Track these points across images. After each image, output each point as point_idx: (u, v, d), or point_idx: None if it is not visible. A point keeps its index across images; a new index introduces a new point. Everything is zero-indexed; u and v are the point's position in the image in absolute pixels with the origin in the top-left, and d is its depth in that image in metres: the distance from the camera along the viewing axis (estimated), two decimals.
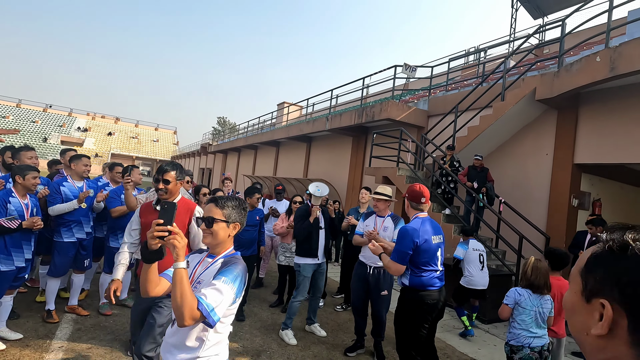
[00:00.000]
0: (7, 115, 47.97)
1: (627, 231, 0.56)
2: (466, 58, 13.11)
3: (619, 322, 0.52)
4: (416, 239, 2.50)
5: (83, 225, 3.55)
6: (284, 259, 4.53)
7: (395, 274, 2.57)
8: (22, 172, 2.89)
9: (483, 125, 7.12)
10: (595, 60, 5.33)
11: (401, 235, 2.55)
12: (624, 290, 0.52)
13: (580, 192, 6.69)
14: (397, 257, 2.52)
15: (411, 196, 2.68)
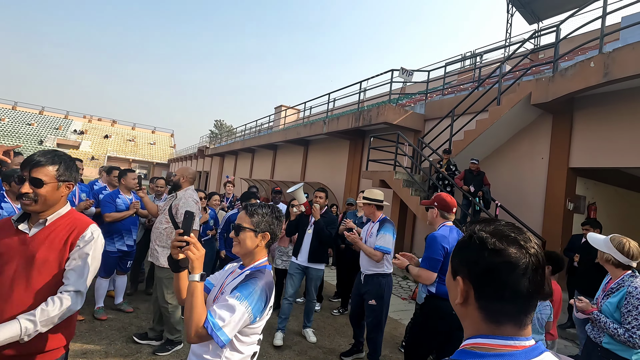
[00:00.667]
0: (3, 118, 47.64)
1: (477, 224, 0.74)
2: (462, 62, 13.20)
3: (469, 293, 0.71)
4: (446, 244, 2.45)
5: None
6: (281, 263, 4.53)
7: (427, 282, 2.47)
8: (9, 178, 2.84)
9: (479, 129, 7.16)
10: (589, 65, 5.39)
11: (430, 242, 2.49)
12: (469, 269, 0.71)
13: (575, 195, 6.74)
14: (427, 264, 2.45)
15: (441, 205, 2.61)
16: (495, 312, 0.69)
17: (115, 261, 3.84)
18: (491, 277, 0.68)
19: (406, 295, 5.98)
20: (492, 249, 0.68)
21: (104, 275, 3.76)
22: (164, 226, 3.16)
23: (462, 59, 11.14)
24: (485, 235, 0.70)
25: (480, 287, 0.69)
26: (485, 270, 0.68)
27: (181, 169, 3.24)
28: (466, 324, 0.74)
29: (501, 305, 0.68)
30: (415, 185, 7.80)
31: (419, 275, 2.48)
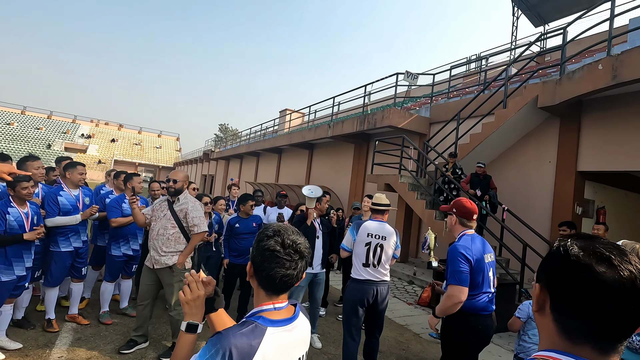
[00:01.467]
0: (12, 122, 48.36)
1: (574, 238, 0.72)
2: (467, 66, 13.15)
3: (546, 302, 0.70)
4: (469, 255, 2.25)
5: (80, 234, 3.52)
6: None
7: (461, 299, 2.21)
8: (12, 184, 2.87)
9: (485, 133, 7.11)
10: (597, 68, 5.33)
11: (452, 254, 2.29)
12: (548, 277, 0.70)
13: (584, 199, 6.65)
14: (456, 279, 2.21)
15: (461, 212, 2.40)
16: (571, 329, 0.65)
17: (121, 265, 3.85)
18: (568, 290, 0.65)
19: (412, 301, 5.92)
20: (575, 262, 0.65)
21: (110, 280, 3.77)
22: (171, 232, 3.12)
23: (467, 62, 11.10)
24: (572, 248, 0.67)
25: (557, 298, 0.67)
26: (563, 282, 0.66)
27: (179, 173, 3.22)
28: (542, 335, 0.72)
29: (579, 323, 0.64)
30: (421, 189, 7.75)
31: (450, 295, 2.23)
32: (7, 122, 48.13)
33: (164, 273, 3.14)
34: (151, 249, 3.14)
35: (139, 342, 3.24)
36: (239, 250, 3.96)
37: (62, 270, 3.39)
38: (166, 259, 3.10)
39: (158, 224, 3.13)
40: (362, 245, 3.13)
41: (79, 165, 3.51)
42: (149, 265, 3.16)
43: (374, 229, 3.15)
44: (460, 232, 2.41)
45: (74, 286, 3.57)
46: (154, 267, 3.12)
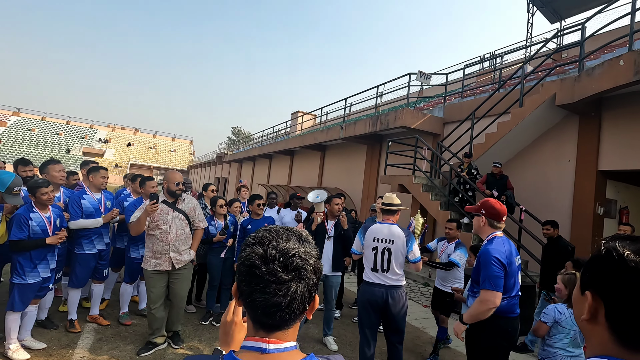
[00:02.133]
0: (33, 128, 49.96)
1: (618, 240, 0.68)
2: (481, 64, 12.95)
3: (599, 310, 0.66)
4: (503, 259, 2.18)
5: (103, 237, 3.62)
6: None
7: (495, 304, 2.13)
8: (33, 190, 2.95)
9: (501, 132, 6.98)
10: (618, 63, 5.17)
11: (485, 258, 2.20)
12: (602, 284, 0.66)
13: (605, 199, 6.45)
14: (490, 284, 2.12)
15: (490, 213, 2.32)
16: (629, 336, 0.63)
17: (139, 267, 3.92)
18: (628, 297, 0.63)
19: (428, 303, 5.84)
20: (634, 267, 0.62)
21: (129, 281, 3.85)
22: (187, 230, 3.34)
23: (481, 61, 10.93)
24: (627, 252, 0.64)
25: (613, 306, 0.64)
26: (621, 290, 0.63)
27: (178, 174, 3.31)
28: (592, 342, 0.69)
29: (638, 330, 0.62)
30: (435, 190, 7.66)
31: (484, 300, 2.13)
32: (28, 128, 49.75)
33: (184, 269, 3.31)
34: (170, 251, 3.19)
35: (158, 344, 3.30)
36: None
37: (86, 272, 3.49)
38: (187, 255, 3.32)
39: (173, 226, 3.20)
40: (369, 249, 3.01)
41: (101, 169, 3.63)
42: (166, 268, 3.21)
43: (380, 232, 3.00)
44: (490, 234, 2.33)
45: (95, 287, 3.66)
46: (175, 267, 3.22)
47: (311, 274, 0.74)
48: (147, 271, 3.23)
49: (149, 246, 3.24)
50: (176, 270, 3.26)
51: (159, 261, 3.19)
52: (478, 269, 2.27)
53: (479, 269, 2.26)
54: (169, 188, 3.23)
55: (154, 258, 3.19)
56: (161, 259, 3.19)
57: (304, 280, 0.73)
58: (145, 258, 3.25)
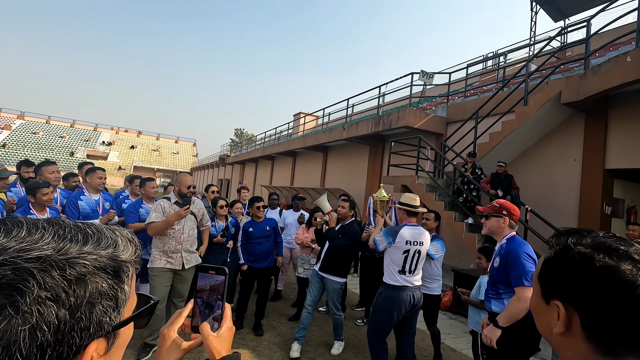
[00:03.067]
0: (38, 132, 50.32)
1: (568, 236, 0.62)
2: (484, 63, 12.85)
3: (572, 320, 0.59)
4: (532, 254, 2.18)
5: None
6: (303, 271, 4.43)
7: None
8: (33, 190, 2.91)
9: (505, 131, 6.89)
10: (625, 60, 5.08)
11: (516, 255, 2.15)
12: (571, 291, 0.59)
13: (613, 199, 6.34)
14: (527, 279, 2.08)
15: (511, 214, 2.36)
16: (611, 343, 0.56)
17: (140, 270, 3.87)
18: (602, 301, 0.56)
19: None
20: (601, 267, 0.56)
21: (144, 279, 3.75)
22: (196, 231, 3.45)
23: (484, 60, 10.84)
24: (586, 250, 0.58)
25: (588, 313, 0.57)
26: (594, 294, 0.56)
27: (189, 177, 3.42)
28: (569, 355, 0.61)
29: (619, 333, 0.55)
30: (439, 190, 7.57)
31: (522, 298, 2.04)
32: (33, 131, 50.11)
33: (190, 270, 3.36)
34: (182, 250, 3.27)
35: (156, 345, 3.27)
36: (254, 254, 3.93)
37: None
38: (197, 256, 3.42)
39: (186, 226, 3.30)
40: (399, 252, 2.99)
41: (98, 169, 3.58)
42: (177, 267, 3.25)
43: (410, 235, 3.01)
44: (508, 234, 2.34)
45: None
46: (185, 267, 3.27)
47: (37, 301, 0.36)
48: (156, 269, 3.21)
49: (158, 246, 3.24)
50: (185, 270, 3.30)
51: (171, 260, 3.24)
52: (504, 268, 2.21)
53: (505, 269, 2.20)
54: (180, 190, 3.29)
55: (165, 257, 3.22)
56: (173, 257, 3.24)
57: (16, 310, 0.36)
58: (154, 257, 3.23)
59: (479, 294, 3.12)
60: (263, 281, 3.93)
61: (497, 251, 2.34)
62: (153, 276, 3.23)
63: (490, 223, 2.39)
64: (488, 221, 2.40)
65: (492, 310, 2.29)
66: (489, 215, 2.40)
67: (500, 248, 2.32)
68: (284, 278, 5.46)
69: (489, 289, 2.36)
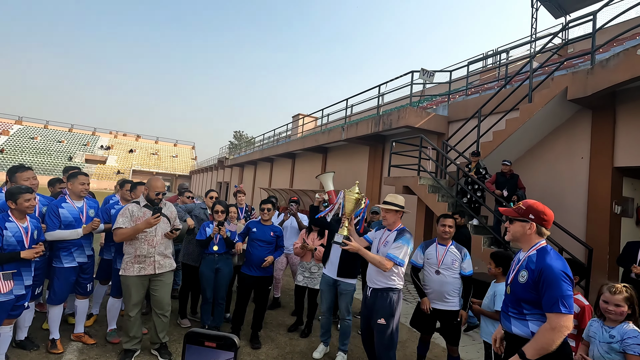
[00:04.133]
0: (36, 137, 50.09)
1: None
2: (485, 61, 12.66)
3: None
4: (570, 274, 1.82)
5: (84, 249, 3.33)
6: (302, 279, 4.16)
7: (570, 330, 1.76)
8: (14, 196, 2.71)
9: (510, 129, 6.68)
10: (635, 53, 4.88)
11: (553, 275, 1.78)
12: None
13: (622, 197, 6.13)
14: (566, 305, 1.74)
15: (541, 219, 1.93)
16: None
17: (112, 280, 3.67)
18: None
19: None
20: None
21: (117, 295, 3.56)
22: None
23: (484, 57, 10.66)
24: None
25: None
26: None
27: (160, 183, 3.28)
28: None
29: None
30: (442, 191, 7.36)
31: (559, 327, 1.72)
32: (31, 136, 49.89)
33: (165, 274, 3.18)
34: (156, 254, 3.10)
35: (136, 350, 3.16)
36: (251, 260, 3.68)
37: (65, 287, 3.20)
38: (171, 261, 3.25)
39: (159, 229, 3.15)
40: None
41: (80, 174, 3.32)
42: (150, 272, 3.08)
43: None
44: (537, 244, 1.93)
45: (79, 303, 3.37)
46: (157, 271, 3.10)
47: None
48: (129, 277, 3.03)
49: (129, 252, 3.06)
50: (157, 275, 3.12)
51: (143, 265, 3.06)
52: (534, 287, 1.84)
53: (536, 288, 1.83)
54: (148, 195, 3.13)
55: (138, 263, 3.05)
56: (145, 262, 3.07)
57: None
58: (126, 265, 3.05)
59: (493, 303, 2.90)
60: (260, 291, 3.70)
61: (524, 263, 1.93)
62: (126, 285, 3.05)
63: (514, 228, 2.00)
64: (512, 226, 2.01)
65: (512, 332, 1.94)
66: (513, 219, 2.01)
67: (528, 260, 1.91)
68: (279, 285, 5.18)
69: (511, 307, 1.97)
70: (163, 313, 3.15)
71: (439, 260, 3.20)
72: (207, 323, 3.77)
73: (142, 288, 3.08)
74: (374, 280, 2.91)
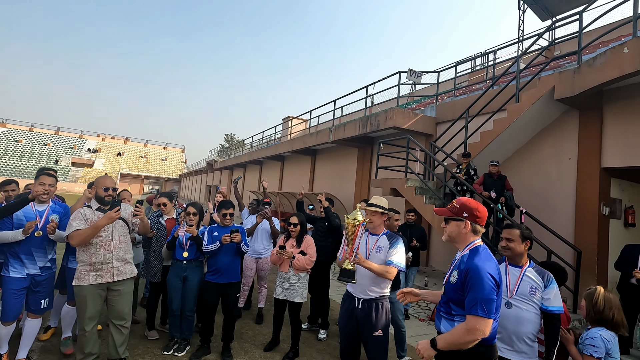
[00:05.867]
0: (20, 139, 48.92)
1: None
2: (473, 62, 12.63)
3: None
4: (496, 275, 1.74)
5: (36, 259, 2.94)
6: (281, 292, 3.65)
7: (485, 334, 1.69)
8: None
9: (497, 130, 6.58)
10: (622, 51, 4.80)
11: (478, 276, 1.71)
12: None
13: (610, 199, 6.05)
14: (483, 309, 1.67)
15: (475, 216, 1.87)
16: None
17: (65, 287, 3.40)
18: None
19: (424, 316, 5.35)
20: None
21: (72, 300, 3.19)
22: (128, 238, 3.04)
23: (472, 58, 10.61)
24: None
25: None
26: None
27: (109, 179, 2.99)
28: None
29: None
30: (429, 193, 7.22)
31: (473, 329, 1.67)
32: (15, 139, 48.71)
33: (124, 283, 2.92)
34: (114, 260, 2.84)
35: None
36: (216, 266, 3.41)
37: (12, 300, 2.83)
38: (132, 266, 3.00)
39: (115, 232, 2.89)
40: None
41: (42, 175, 2.98)
42: (109, 279, 2.81)
43: None
44: (471, 243, 1.86)
45: (27, 323, 2.96)
46: (116, 279, 2.84)
47: None
48: (84, 287, 2.73)
49: (84, 259, 2.76)
50: (116, 283, 2.85)
51: (101, 273, 2.79)
52: (461, 287, 1.77)
53: (462, 287, 1.76)
54: (97, 194, 2.86)
55: (94, 270, 2.76)
56: (103, 270, 2.79)
57: None
58: (79, 274, 2.75)
59: None
60: (227, 299, 3.43)
61: (458, 263, 1.87)
62: (81, 296, 2.74)
63: (449, 228, 1.92)
64: (448, 226, 1.93)
65: (440, 331, 1.88)
66: (448, 218, 1.93)
67: (461, 260, 1.84)
68: (246, 293, 4.78)
69: (442, 307, 1.91)
70: (122, 324, 2.88)
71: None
72: (176, 335, 3.50)
73: (99, 299, 2.79)
74: (366, 291, 2.67)
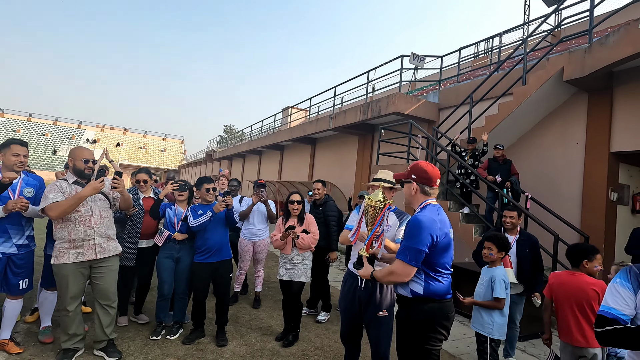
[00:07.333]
0: (18, 129, 48.57)
1: None
2: (476, 47, 12.34)
3: None
4: (435, 232, 1.83)
5: (12, 236, 2.73)
6: (285, 273, 3.45)
7: (404, 279, 1.85)
8: None
9: (503, 114, 6.36)
10: (637, 27, 4.57)
11: (415, 227, 1.84)
12: None
13: (618, 184, 5.87)
14: (407, 256, 1.81)
15: (421, 178, 1.99)
16: None
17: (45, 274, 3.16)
18: None
19: None
20: None
21: (50, 287, 3.02)
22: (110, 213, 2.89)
23: (477, 42, 10.35)
24: None
25: None
26: None
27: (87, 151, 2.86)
28: None
29: None
30: None
31: (395, 272, 1.84)
32: (13, 129, 48.36)
33: (112, 260, 2.78)
34: (96, 236, 2.66)
35: (79, 349, 2.74)
36: (206, 245, 3.23)
37: None
38: (115, 243, 2.84)
39: (95, 207, 2.70)
40: None
41: (13, 144, 2.78)
42: (90, 257, 2.64)
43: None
44: (422, 203, 1.99)
45: (7, 304, 2.81)
46: (99, 256, 2.67)
47: None
48: (64, 266, 2.56)
49: (62, 236, 2.59)
50: (99, 261, 2.69)
51: (82, 250, 2.61)
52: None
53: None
54: (75, 166, 2.67)
55: (74, 248, 2.59)
56: (84, 247, 2.62)
57: None
58: (58, 252, 2.59)
59: (489, 291, 2.57)
60: (220, 279, 3.25)
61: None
62: (61, 275, 2.57)
63: (405, 190, 2.06)
64: (404, 188, 2.08)
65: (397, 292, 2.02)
66: (402, 181, 2.07)
67: None
68: (243, 277, 4.63)
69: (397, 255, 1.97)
70: (109, 304, 2.74)
71: None
72: (164, 320, 3.33)
73: (81, 277, 2.63)
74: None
